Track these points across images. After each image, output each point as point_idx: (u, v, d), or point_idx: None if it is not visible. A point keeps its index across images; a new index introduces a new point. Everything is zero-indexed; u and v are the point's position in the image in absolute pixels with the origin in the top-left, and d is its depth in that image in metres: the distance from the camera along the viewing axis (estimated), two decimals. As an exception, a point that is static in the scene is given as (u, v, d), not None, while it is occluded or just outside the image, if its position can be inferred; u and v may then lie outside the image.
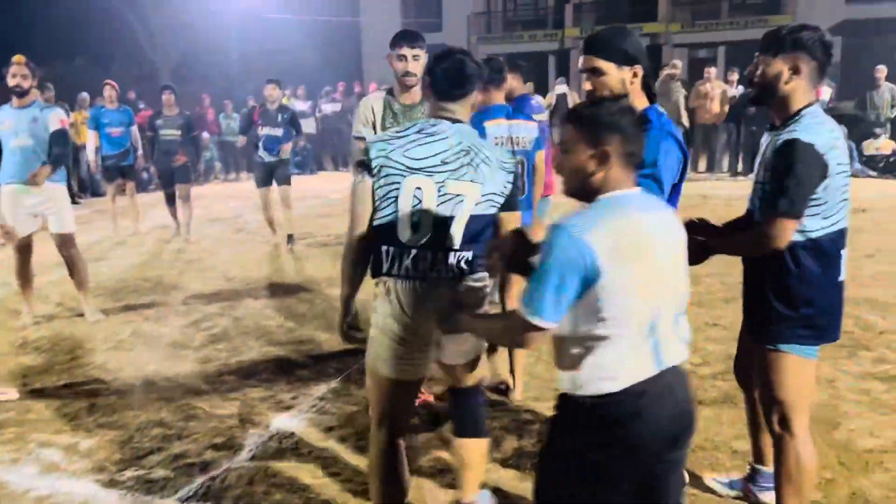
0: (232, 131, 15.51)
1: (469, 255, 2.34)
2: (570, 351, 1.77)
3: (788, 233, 2.35)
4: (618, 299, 1.70)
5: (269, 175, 7.82)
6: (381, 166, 2.26)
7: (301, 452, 3.42)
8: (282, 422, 3.75)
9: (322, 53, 25.96)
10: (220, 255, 7.78)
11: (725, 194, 10.52)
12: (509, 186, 2.38)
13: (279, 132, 7.72)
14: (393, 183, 2.26)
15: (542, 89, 17.02)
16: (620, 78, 2.31)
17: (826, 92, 12.24)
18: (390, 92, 3.47)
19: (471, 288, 2.38)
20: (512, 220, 2.38)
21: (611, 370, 1.73)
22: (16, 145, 5.04)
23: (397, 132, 2.34)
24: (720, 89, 12.66)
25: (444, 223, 2.28)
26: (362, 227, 2.32)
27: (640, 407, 1.73)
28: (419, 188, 2.25)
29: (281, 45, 26.04)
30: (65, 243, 5.34)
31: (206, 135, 14.75)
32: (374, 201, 2.29)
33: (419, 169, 2.25)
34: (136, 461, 3.37)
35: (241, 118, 9.27)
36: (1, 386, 4.18)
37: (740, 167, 12.69)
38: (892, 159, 12.05)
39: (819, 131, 2.33)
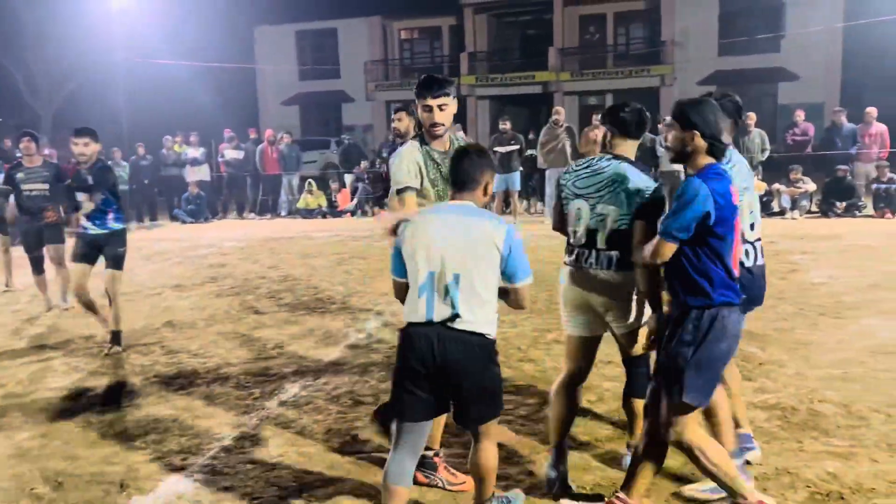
0: (122, 179, 14.93)
1: (614, 254, 3.22)
2: None
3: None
4: None
5: (95, 251, 5.88)
6: (563, 190, 3.41)
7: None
8: (170, 485, 3.54)
9: (216, 99, 25.50)
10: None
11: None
12: (640, 203, 3.16)
13: (97, 197, 5.79)
14: (568, 203, 3.37)
15: (440, 135, 17.30)
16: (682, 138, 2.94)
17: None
18: (422, 141, 3.46)
19: (617, 277, 3.23)
20: (639, 228, 3.13)
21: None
22: None
23: (576, 167, 3.43)
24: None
25: (594, 232, 3.25)
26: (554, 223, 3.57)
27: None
28: (579, 208, 3.30)
29: (172, 90, 25.42)
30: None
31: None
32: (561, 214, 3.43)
33: (580, 195, 3.31)
34: (4, 539, 3.08)
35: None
36: None
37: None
38: (765, 199, 12.93)
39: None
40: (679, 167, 11.97)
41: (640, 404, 3.22)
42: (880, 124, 12.63)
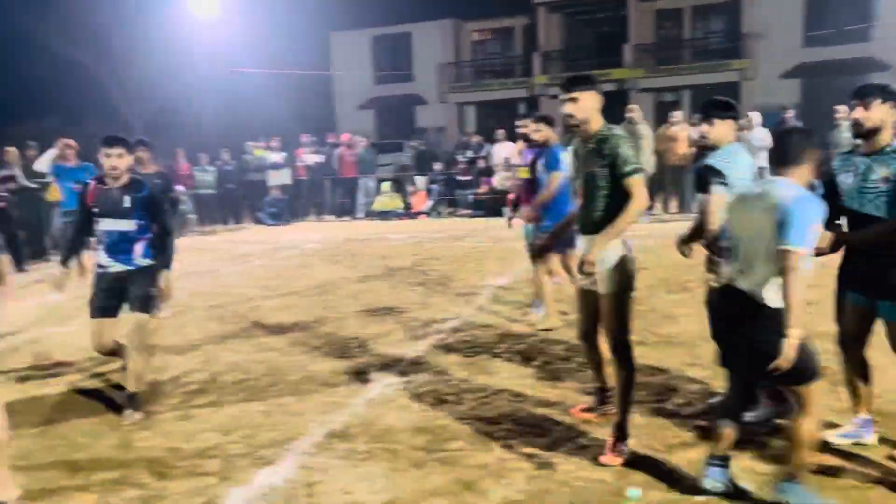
0: (208, 184, 15.56)
1: None
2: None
3: None
4: None
5: (116, 296, 4.67)
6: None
7: (285, 509, 3.36)
8: (264, 478, 3.68)
9: (295, 105, 26.22)
10: (195, 307, 7.69)
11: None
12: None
13: (130, 225, 4.63)
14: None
15: (513, 135, 17.28)
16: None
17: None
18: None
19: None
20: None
21: None
22: None
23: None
24: (685, 132, 12.96)
25: None
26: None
27: None
28: None
29: (254, 98, 26.27)
30: None
31: (181, 188, 14.75)
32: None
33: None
34: (115, 525, 3.28)
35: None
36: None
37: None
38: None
39: None
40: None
41: None
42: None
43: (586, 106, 3.71)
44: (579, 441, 3.90)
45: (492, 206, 15.05)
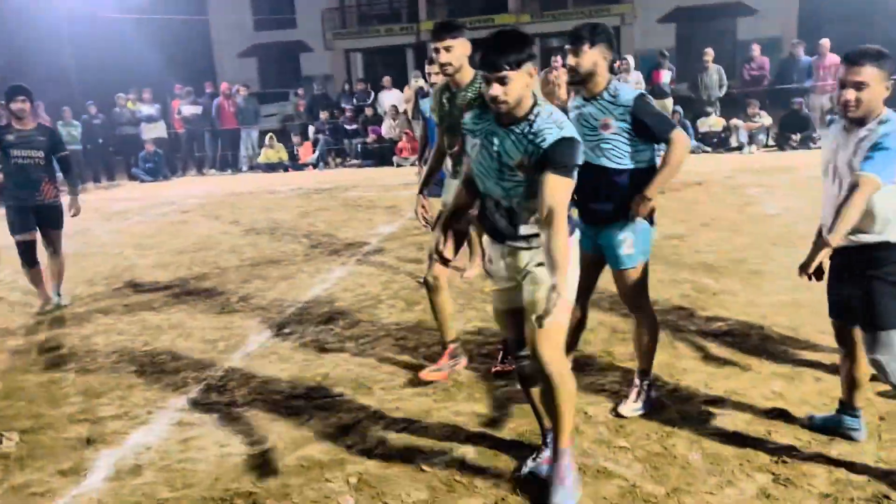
0: (73, 140, 14.55)
1: None
2: None
3: None
4: None
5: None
6: None
7: (159, 466, 3.29)
8: (137, 438, 3.58)
9: (169, 54, 24.73)
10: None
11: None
12: None
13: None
14: None
15: (401, 82, 17.09)
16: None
17: (666, 75, 13.09)
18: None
19: None
20: None
21: None
22: None
23: None
24: (565, 76, 13.22)
25: None
26: None
27: None
28: None
29: (124, 47, 24.59)
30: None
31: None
32: None
33: None
34: (-28, 498, 3.11)
35: None
36: None
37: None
38: (723, 135, 13.07)
39: None
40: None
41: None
42: (834, 56, 12.73)
43: (459, 54, 3.67)
44: (456, 379, 4.00)
45: (380, 154, 14.91)
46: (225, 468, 3.23)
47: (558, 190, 2.54)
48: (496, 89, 2.54)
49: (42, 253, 6.01)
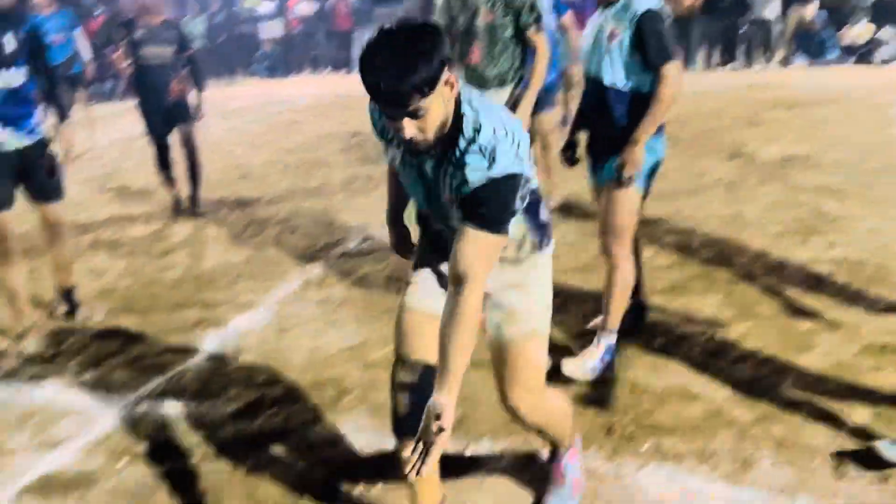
0: (199, 35, 15.00)
1: None
2: None
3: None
4: None
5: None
6: None
7: (258, 351, 3.49)
8: (240, 322, 3.81)
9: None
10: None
11: (698, 88, 10.38)
12: None
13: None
14: None
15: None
16: None
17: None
18: None
19: None
20: None
21: None
22: None
23: None
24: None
25: None
26: None
27: None
28: None
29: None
30: None
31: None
32: None
33: None
34: (95, 364, 3.43)
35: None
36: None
37: (715, 59, 12.51)
38: (869, 47, 11.87)
39: None
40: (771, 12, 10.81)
41: None
42: None
43: None
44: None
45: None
46: (318, 359, 3.39)
47: (473, 251, 1.71)
48: (409, 129, 1.67)
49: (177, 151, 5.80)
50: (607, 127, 2.94)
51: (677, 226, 4.88)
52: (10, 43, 3.34)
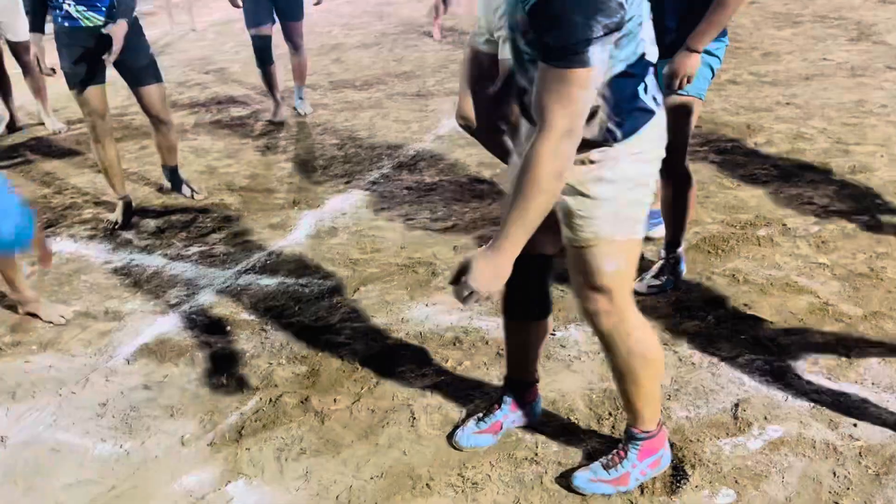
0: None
1: None
2: None
3: None
4: None
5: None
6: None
7: (352, 230, 3.55)
8: (335, 203, 3.87)
9: None
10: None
11: None
12: None
13: None
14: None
15: None
16: None
17: None
18: None
19: None
20: None
21: None
22: None
23: None
24: None
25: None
26: None
27: None
28: None
29: None
30: (17, 52, 5.13)
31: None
32: None
33: None
34: (200, 238, 3.59)
35: None
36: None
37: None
38: None
39: None
40: None
41: None
42: None
43: None
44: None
45: None
46: (409, 238, 3.42)
47: (545, 91, 1.43)
48: None
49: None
50: (673, 24, 2.47)
51: (791, 113, 4.56)
52: None
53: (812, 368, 2.35)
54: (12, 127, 5.34)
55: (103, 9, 3.40)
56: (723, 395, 2.25)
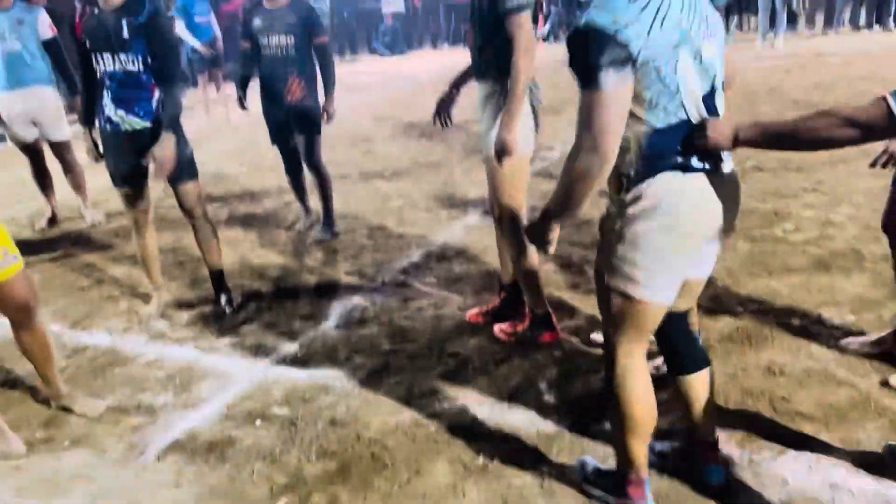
0: (323, 14, 15.42)
1: None
2: None
3: None
4: None
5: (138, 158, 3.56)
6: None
7: (381, 322, 3.57)
8: (364, 293, 3.91)
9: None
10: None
11: (846, 52, 9.60)
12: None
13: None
14: (666, 72, 1.73)
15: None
16: None
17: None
18: None
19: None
20: None
21: None
22: (2, 50, 4.91)
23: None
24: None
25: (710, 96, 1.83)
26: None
27: None
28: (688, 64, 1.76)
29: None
30: (59, 151, 5.30)
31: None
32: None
33: (684, 41, 1.74)
34: (232, 330, 3.63)
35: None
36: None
37: (863, 19, 11.49)
38: None
39: None
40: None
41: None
42: None
43: None
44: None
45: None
46: (438, 329, 3.43)
47: (579, 107, 1.75)
48: None
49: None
50: None
51: (818, 199, 4.56)
52: (127, 28, 3.40)
53: (856, 466, 2.26)
54: (53, 221, 5.53)
55: (142, 113, 3.49)
56: (766, 496, 2.18)
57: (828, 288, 3.44)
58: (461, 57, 11.49)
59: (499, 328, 3.31)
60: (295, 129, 4.61)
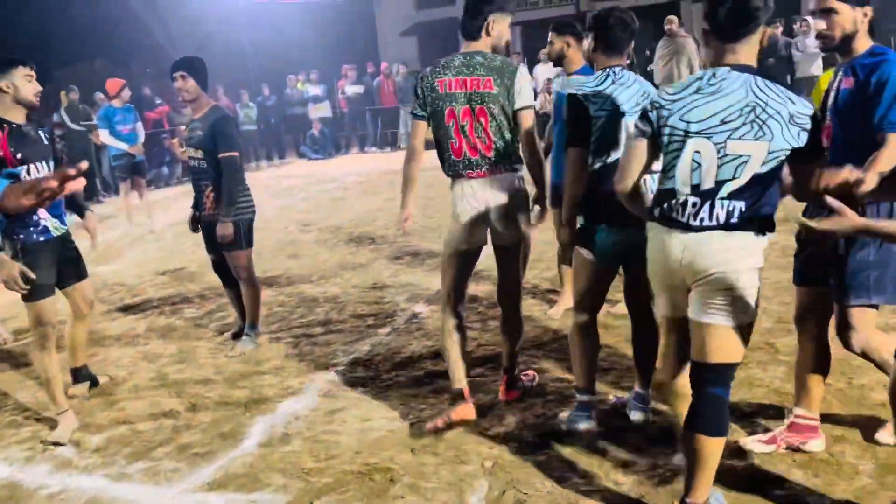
0: (250, 120, 15.61)
1: (742, 204, 2.25)
2: None
3: None
4: None
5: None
6: (662, 133, 2.32)
7: (305, 436, 3.43)
8: (288, 407, 3.77)
9: (336, 35, 25.81)
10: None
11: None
12: (804, 137, 2.22)
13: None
14: (673, 150, 2.31)
15: (558, 55, 16.69)
16: (853, 18, 2.57)
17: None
18: None
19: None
20: (807, 172, 2.16)
21: None
22: None
23: (674, 94, 2.31)
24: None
25: (721, 184, 2.25)
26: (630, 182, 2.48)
27: None
28: (698, 152, 2.25)
29: (294, 29, 25.95)
30: None
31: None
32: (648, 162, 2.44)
33: (698, 132, 2.25)
34: (145, 454, 3.42)
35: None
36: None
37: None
38: None
39: None
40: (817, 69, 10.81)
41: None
42: None
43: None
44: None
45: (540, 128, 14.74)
46: (366, 442, 3.31)
47: None
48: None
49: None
50: None
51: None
52: (45, 137, 3.68)
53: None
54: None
55: (61, 214, 3.72)
56: None
57: (745, 381, 3.51)
58: (385, 158, 11.88)
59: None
60: (215, 241, 4.48)
